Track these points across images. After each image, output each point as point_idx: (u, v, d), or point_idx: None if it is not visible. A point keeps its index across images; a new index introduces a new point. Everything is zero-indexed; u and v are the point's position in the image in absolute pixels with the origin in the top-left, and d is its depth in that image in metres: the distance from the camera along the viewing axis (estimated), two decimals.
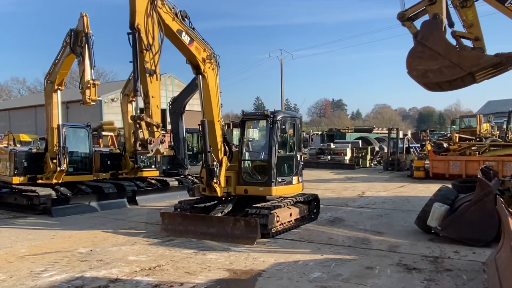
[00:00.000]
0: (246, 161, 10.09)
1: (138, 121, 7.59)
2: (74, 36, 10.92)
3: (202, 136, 9.34)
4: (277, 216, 8.87)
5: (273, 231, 8.74)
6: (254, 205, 9.04)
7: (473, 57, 7.41)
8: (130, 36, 7.66)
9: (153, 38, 7.86)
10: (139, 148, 7.71)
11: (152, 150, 7.77)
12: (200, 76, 9.28)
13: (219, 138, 9.55)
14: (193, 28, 9.05)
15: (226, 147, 9.79)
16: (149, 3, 7.84)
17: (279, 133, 9.57)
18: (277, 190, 9.45)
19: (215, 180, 9.27)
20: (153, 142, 7.71)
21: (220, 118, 9.66)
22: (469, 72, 7.38)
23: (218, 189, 9.37)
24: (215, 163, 9.30)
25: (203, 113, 9.44)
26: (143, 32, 7.69)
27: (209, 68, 9.30)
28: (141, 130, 7.64)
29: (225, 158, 9.61)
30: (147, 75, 7.73)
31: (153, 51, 7.87)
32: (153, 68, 7.81)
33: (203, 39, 9.25)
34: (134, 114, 8.10)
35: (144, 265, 6.84)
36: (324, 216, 11.11)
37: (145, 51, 7.71)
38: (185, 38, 8.75)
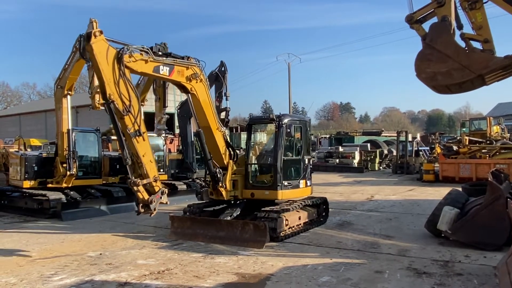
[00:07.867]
0: (252, 165, 10.09)
1: (134, 187, 7.40)
2: (84, 41, 11.02)
3: (200, 145, 9.32)
4: (286, 219, 8.85)
5: (282, 235, 8.72)
6: (263, 209, 9.04)
7: (482, 59, 7.35)
8: (106, 106, 7.37)
9: (129, 100, 7.52)
10: (142, 210, 7.59)
11: (155, 209, 7.65)
12: (190, 95, 9.03)
13: (221, 144, 9.50)
14: (170, 54, 8.61)
15: (231, 152, 9.75)
16: (115, 66, 7.45)
17: (285, 137, 9.56)
18: (283, 194, 9.41)
19: (220, 184, 9.31)
20: (154, 200, 7.57)
21: (219, 126, 9.49)
22: (478, 74, 7.31)
23: (224, 193, 9.39)
24: (217, 169, 9.32)
25: (198, 125, 9.32)
26: (118, 100, 7.36)
27: (196, 83, 8.99)
28: (140, 193, 7.46)
29: (231, 162, 9.62)
30: (132, 138, 7.49)
31: (133, 112, 7.53)
32: (136, 128, 7.53)
33: (183, 57, 8.82)
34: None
35: (153, 269, 6.87)
36: (333, 220, 11.06)
37: (125, 117, 7.45)
38: (164, 71, 8.39)
